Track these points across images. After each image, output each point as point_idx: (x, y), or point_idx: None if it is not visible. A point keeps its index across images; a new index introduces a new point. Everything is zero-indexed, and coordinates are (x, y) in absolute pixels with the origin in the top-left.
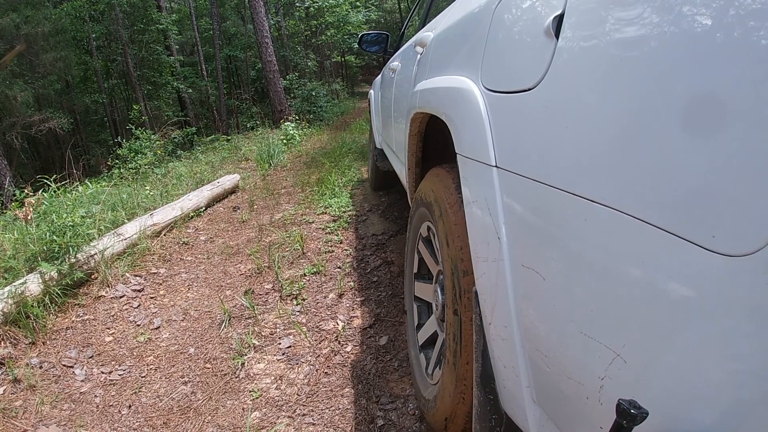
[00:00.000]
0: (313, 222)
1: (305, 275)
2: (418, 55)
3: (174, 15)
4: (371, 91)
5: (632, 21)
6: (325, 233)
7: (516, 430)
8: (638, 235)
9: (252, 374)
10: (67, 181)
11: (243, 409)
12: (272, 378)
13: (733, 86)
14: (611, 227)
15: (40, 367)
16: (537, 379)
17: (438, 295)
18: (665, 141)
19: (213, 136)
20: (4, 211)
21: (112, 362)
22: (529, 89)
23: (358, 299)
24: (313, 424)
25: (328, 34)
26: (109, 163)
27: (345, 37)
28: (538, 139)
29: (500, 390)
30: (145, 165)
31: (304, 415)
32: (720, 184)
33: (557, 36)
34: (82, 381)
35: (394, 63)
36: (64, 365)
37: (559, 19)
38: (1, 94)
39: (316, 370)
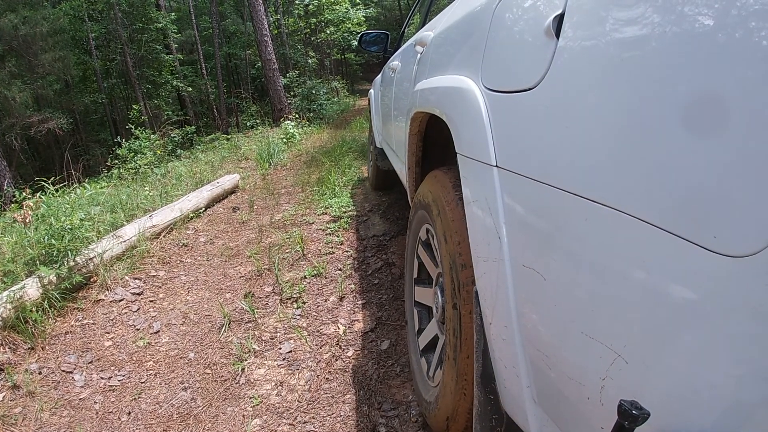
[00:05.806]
0: (313, 222)
1: (306, 277)
2: (419, 55)
3: (173, 14)
4: (371, 91)
5: (633, 21)
6: (326, 234)
7: (516, 430)
8: (639, 236)
9: (252, 380)
10: (66, 182)
11: (243, 416)
12: (273, 384)
13: (735, 87)
14: (612, 228)
15: (39, 373)
16: (537, 379)
17: (438, 296)
18: (666, 141)
19: (213, 135)
20: (4, 213)
21: (112, 367)
22: (530, 89)
23: (359, 302)
24: None
25: (328, 31)
26: (108, 164)
27: (345, 34)
28: (538, 139)
29: (501, 390)
30: (145, 165)
31: (305, 422)
32: (721, 184)
33: (558, 36)
34: (82, 387)
35: (395, 62)
36: (63, 371)
37: (559, 19)
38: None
39: (317, 376)
